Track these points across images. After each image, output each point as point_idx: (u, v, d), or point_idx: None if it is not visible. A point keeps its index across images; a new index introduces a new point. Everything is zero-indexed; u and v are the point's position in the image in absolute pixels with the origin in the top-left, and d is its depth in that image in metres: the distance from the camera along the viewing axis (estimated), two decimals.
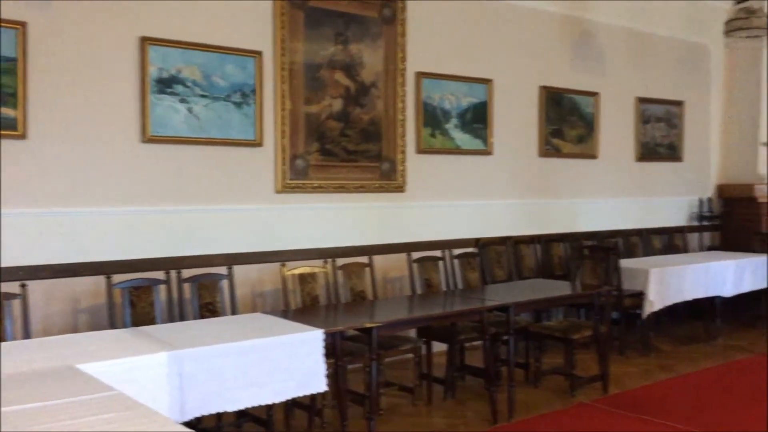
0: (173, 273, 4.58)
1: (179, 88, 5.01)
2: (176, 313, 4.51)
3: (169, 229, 5.00)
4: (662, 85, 8.31)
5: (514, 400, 4.70)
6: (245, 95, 5.30)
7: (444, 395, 5.11)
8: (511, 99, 6.96)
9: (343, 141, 5.85)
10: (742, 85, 8.79)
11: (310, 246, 5.60)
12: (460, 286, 5.83)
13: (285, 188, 5.54)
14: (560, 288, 5.67)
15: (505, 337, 4.92)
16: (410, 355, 5.01)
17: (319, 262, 5.20)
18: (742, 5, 6.97)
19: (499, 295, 5.33)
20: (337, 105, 5.80)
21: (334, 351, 3.93)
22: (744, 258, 7.29)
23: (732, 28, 6.71)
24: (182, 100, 5.02)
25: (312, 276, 4.95)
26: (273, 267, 5.19)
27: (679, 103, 8.49)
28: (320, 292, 4.99)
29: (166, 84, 4.95)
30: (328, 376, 3.80)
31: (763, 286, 7.38)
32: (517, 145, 7.06)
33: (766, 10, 7.14)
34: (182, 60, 5.02)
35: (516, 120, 7.03)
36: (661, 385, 5.45)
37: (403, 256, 5.73)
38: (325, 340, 3.71)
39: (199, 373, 3.26)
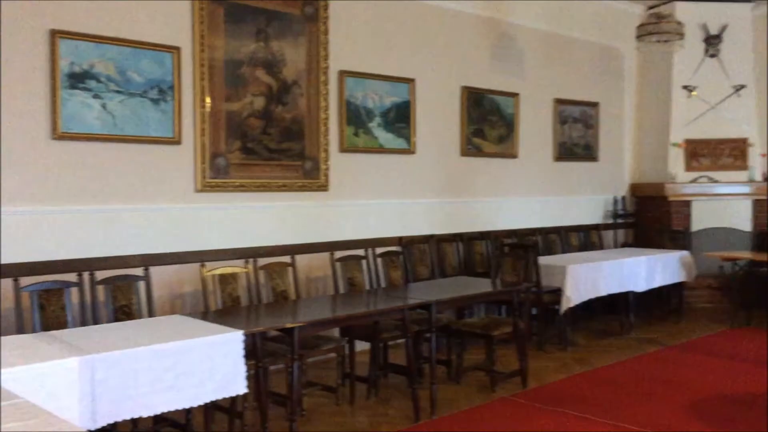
0: (86, 275, 4.41)
1: (92, 84, 4.83)
2: (89, 317, 4.35)
3: (82, 229, 4.82)
4: (579, 86, 8.57)
5: (436, 397, 4.74)
6: (163, 92, 5.16)
7: (367, 394, 5.11)
8: (434, 99, 7.04)
9: (265, 139, 5.77)
10: (654, 88, 9.15)
11: (232, 246, 5.51)
12: (383, 284, 5.84)
13: (205, 187, 5.42)
14: (481, 285, 5.76)
15: (428, 335, 4.96)
16: (333, 355, 5.00)
17: (241, 262, 5.11)
18: (652, 11, 7.26)
19: (421, 293, 5.36)
20: (259, 103, 5.72)
21: (254, 352, 3.87)
22: (655, 254, 7.60)
23: (643, 32, 6.97)
24: (96, 96, 4.85)
25: (233, 276, 4.86)
26: (192, 268, 5.08)
27: (594, 105, 8.77)
28: (241, 293, 4.91)
29: (79, 79, 4.77)
30: (249, 378, 3.74)
31: (673, 280, 7.71)
32: (439, 145, 7.14)
33: (675, 16, 7.48)
34: (96, 54, 4.85)
35: (438, 119, 7.11)
36: (578, 378, 5.62)
37: (326, 255, 5.70)
38: (246, 341, 3.66)
39: (111, 378, 3.15)
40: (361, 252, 5.83)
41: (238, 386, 3.58)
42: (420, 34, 6.89)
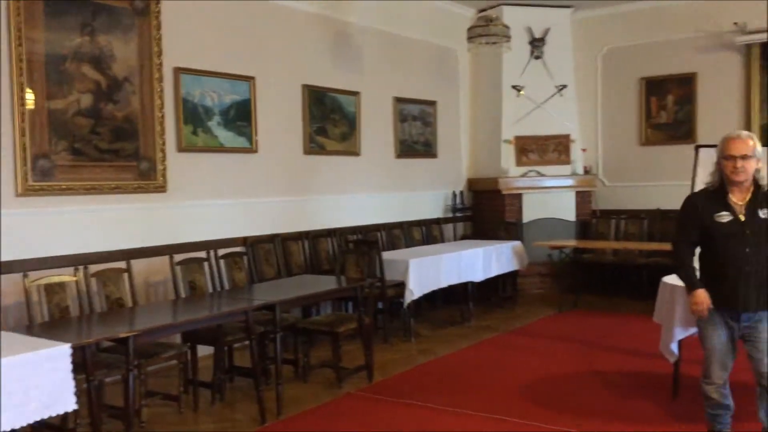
0: None
1: None
2: None
3: None
4: (417, 85, 8.84)
5: (282, 398, 4.72)
6: None
7: (212, 400, 4.99)
8: (275, 97, 6.98)
9: (94, 139, 5.46)
10: (486, 87, 9.63)
11: (60, 253, 5.16)
12: (226, 286, 5.72)
13: (27, 191, 5.04)
14: (326, 283, 5.79)
15: (273, 335, 4.92)
16: (175, 362, 4.83)
17: (70, 269, 4.80)
18: (481, 14, 7.62)
19: (266, 293, 5.31)
20: (87, 100, 5.40)
21: (85, 365, 3.66)
22: (491, 245, 8.01)
23: (473, 34, 7.30)
24: None
25: (60, 285, 4.55)
26: (15, 278, 4.70)
27: (432, 103, 9.09)
28: (71, 303, 4.61)
29: None
30: (81, 393, 3.53)
31: (508, 269, 8.17)
32: (282, 143, 7.09)
33: (502, 19, 7.90)
34: None
35: (280, 118, 7.06)
36: (421, 369, 5.81)
37: (165, 259, 5.49)
38: (74, 354, 3.44)
39: None
40: (202, 254, 5.67)
41: (67, 403, 3.36)
42: (259, 31, 6.81)
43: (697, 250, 3.71)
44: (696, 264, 3.69)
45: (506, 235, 8.71)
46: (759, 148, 3.50)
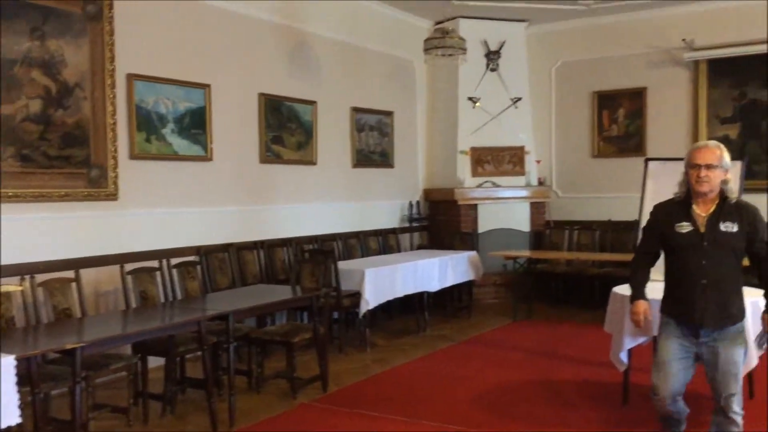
0: None
1: None
2: None
3: None
4: (374, 96, 8.87)
5: (234, 409, 4.66)
6: None
7: (162, 412, 4.90)
8: (231, 105, 6.93)
9: (43, 146, 5.33)
10: (442, 98, 9.72)
11: (6, 262, 5.00)
12: (179, 296, 5.64)
13: None
14: (281, 293, 5.75)
15: (226, 345, 4.86)
16: (124, 373, 4.73)
17: (16, 279, 4.67)
18: (438, 26, 7.70)
19: (219, 303, 5.25)
20: (36, 106, 5.28)
21: (30, 378, 3.56)
22: (447, 255, 8.06)
23: (429, 46, 7.37)
24: None
25: (6, 296, 4.42)
26: None
27: (389, 113, 9.13)
28: (17, 313, 4.49)
29: None
30: (26, 406, 3.43)
31: (464, 279, 8.23)
32: (237, 151, 7.04)
33: (459, 32, 7.98)
34: None
35: (236, 126, 7.01)
36: (376, 379, 5.80)
37: (116, 268, 5.39)
38: (19, 366, 3.35)
39: None
40: (154, 263, 5.58)
41: (11, 416, 3.27)
42: (215, 39, 6.76)
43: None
44: (656, 275, 3.63)
45: (462, 245, 8.78)
46: (727, 159, 3.35)
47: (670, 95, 8.99)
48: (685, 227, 3.36)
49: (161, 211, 6.24)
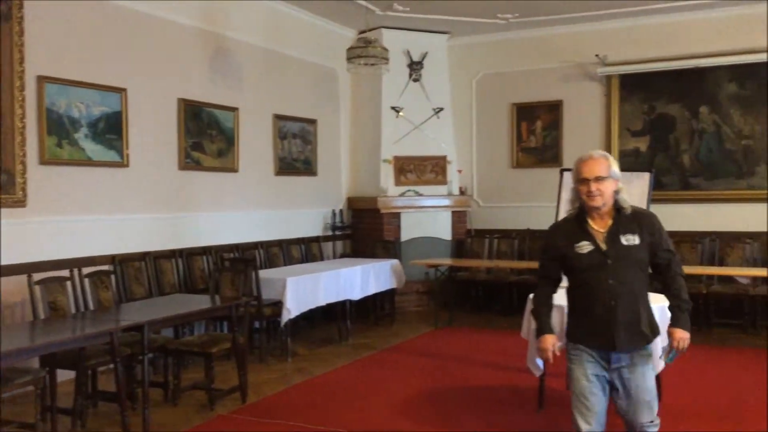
0: None
1: None
2: None
3: None
4: (297, 103, 8.83)
5: (149, 422, 4.53)
6: None
7: (72, 427, 4.71)
8: (149, 110, 6.76)
9: None
10: (366, 107, 9.77)
11: None
12: (91, 307, 5.44)
13: None
14: (200, 302, 5.63)
15: (141, 357, 4.72)
16: (31, 388, 4.52)
17: None
18: (361, 35, 7.74)
19: (134, 314, 5.09)
20: None
21: None
22: (369, 263, 8.08)
23: (352, 55, 7.39)
24: None
25: None
26: None
27: (313, 121, 9.11)
28: None
29: None
30: None
31: (386, 287, 8.26)
32: (155, 158, 6.87)
33: (382, 41, 8.05)
34: None
35: (154, 132, 6.84)
36: (297, 388, 5.75)
37: (23, 278, 5.15)
38: None
39: None
40: (65, 273, 5.37)
41: None
42: (131, 42, 6.58)
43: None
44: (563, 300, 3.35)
45: (384, 253, 8.82)
46: (616, 168, 3.11)
47: (584, 108, 9.32)
48: (584, 247, 3.09)
49: (73, 218, 6.02)
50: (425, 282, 9.23)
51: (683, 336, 3.13)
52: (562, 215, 3.40)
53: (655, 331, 3.17)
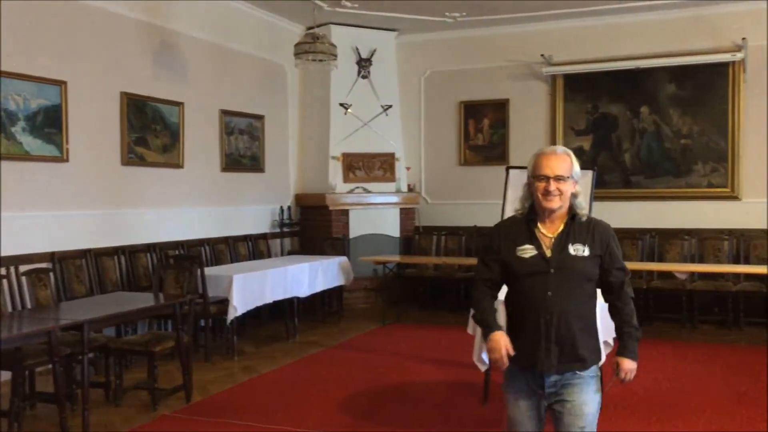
0: None
1: None
2: None
3: None
4: (245, 99, 8.73)
5: (89, 423, 4.42)
6: None
7: (9, 429, 4.56)
8: (90, 104, 6.59)
9: None
10: (315, 104, 9.72)
11: None
12: (29, 305, 5.28)
13: None
14: (143, 300, 5.52)
15: (80, 357, 4.61)
16: None
17: None
18: (309, 31, 7.69)
19: (74, 312, 4.95)
20: None
21: None
22: (317, 260, 8.05)
23: (300, 51, 7.33)
24: None
25: None
26: None
27: (260, 117, 9.01)
28: None
29: None
30: None
31: (334, 284, 8.25)
32: (97, 153, 6.70)
33: (330, 38, 8.02)
34: None
35: (95, 126, 6.67)
36: (243, 387, 5.69)
37: None
38: None
39: None
40: (2, 271, 5.20)
41: None
42: (72, 34, 6.40)
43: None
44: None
45: (333, 250, 8.80)
46: (578, 168, 2.78)
47: (530, 107, 9.45)
48: (527, 251, 2.73)
49: (10, 214, 5.82)
50: (373, 279, 9.25)
51: (631, 368, 2.78)
52: (508, 214, 2.99)
53: (596, 355, 2.78)
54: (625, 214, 8.69)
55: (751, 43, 8.19)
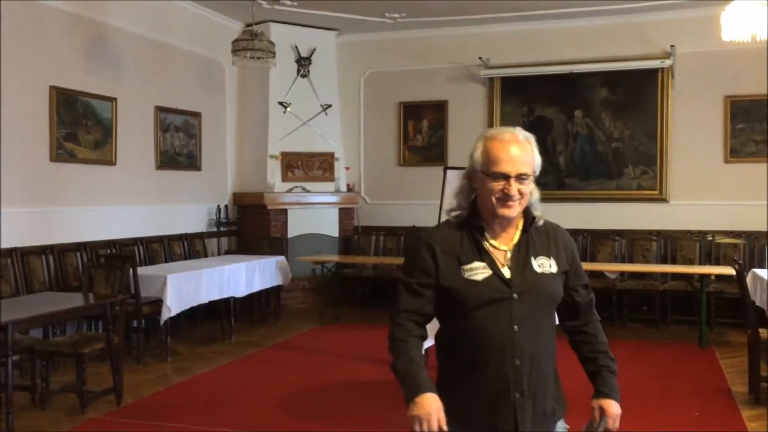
0: None
1: None
2: None
3: None
4: (181, 95, 8.56)
5: (13, 428, 4.27)
6: None
7: None
8: (17, 99, 6.35)
9: None
10: (253, 102, 9.61)
11: None
12: None
13: None
14: (72, 300, 5.36)
15: (3, 359, 4.44)
16: None
17: None
18: (247, 28, 7.60)
19: None
20: None
21: None
22: (255, 260, 7.95)
23: (238, 47, 7.24)
24: None
25: None
26: None
27: (197, 115, 8.85)
28: None
29: None
30: None
31: (272, 284, 8.17)
32: (25, 149, 6.47)
33: (269, 36, 7.94)
34: None
35: (22, 121, 6.43)
36: (176, 389, 5.59)
37: None
38: None
39: None
40: None
41: None
42: None
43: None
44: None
45: (271, 250, 8.71)
46: (539, 158, 2.09)
47: (468, 109, 9.57)
48: (478, 271, 2.00)
49: None
50: (312, 279, 9.21)
51: (619, 412, 2.11)
52: (444, 217, 2.21)
53: (562, 406, 2.18)
54: (559, 215, 8.59)
55: (680, 51, 8.49)
